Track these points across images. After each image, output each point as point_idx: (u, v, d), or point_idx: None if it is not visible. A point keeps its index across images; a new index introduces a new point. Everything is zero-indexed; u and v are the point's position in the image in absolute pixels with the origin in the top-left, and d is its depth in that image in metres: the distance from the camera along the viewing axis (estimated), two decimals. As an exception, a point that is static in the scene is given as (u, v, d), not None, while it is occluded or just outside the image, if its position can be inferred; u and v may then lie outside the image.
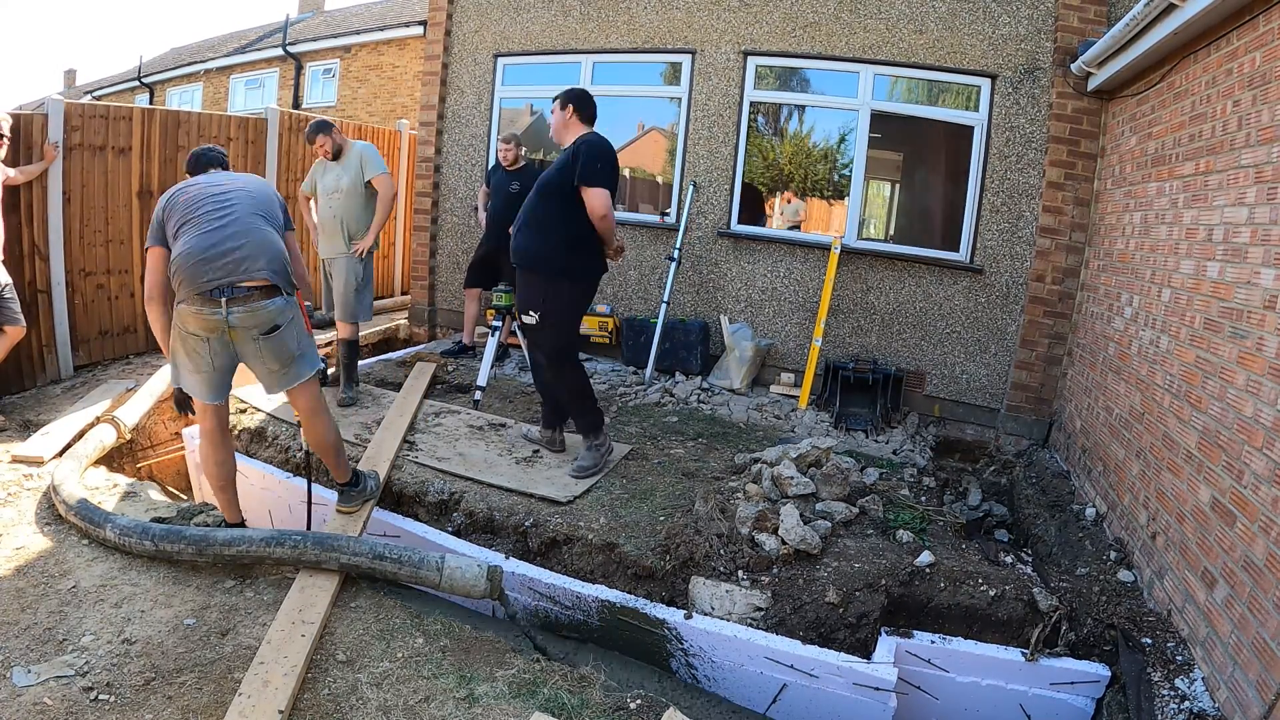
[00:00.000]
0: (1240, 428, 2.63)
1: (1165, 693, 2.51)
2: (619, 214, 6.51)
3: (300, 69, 14.68)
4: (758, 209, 6.50)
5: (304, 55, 14.58)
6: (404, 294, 8.52)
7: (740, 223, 5.98)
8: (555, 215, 3.63)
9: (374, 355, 6.44)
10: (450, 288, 6.95)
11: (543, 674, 2.42)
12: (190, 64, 16.55)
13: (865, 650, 2.83)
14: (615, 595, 3.03)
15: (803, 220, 7.20)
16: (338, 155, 4.58)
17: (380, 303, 8.05)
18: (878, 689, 2.66)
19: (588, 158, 3.54)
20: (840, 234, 5.68)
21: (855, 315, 5.69)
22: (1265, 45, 2.84)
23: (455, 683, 2.35)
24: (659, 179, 6.63)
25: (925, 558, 3.12)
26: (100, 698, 2.15)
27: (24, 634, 2.40)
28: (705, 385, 5.65)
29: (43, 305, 4.78)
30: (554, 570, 3.23)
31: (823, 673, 2.72)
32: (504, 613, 2.91)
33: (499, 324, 5.03)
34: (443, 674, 2.39)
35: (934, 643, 2.88)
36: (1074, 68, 4.82)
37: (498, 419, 4.59)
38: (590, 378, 5.68)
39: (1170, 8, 3.37)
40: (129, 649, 2.37)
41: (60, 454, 3.80)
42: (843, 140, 5.92)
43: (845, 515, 3.42)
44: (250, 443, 4.30)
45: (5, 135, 4.13)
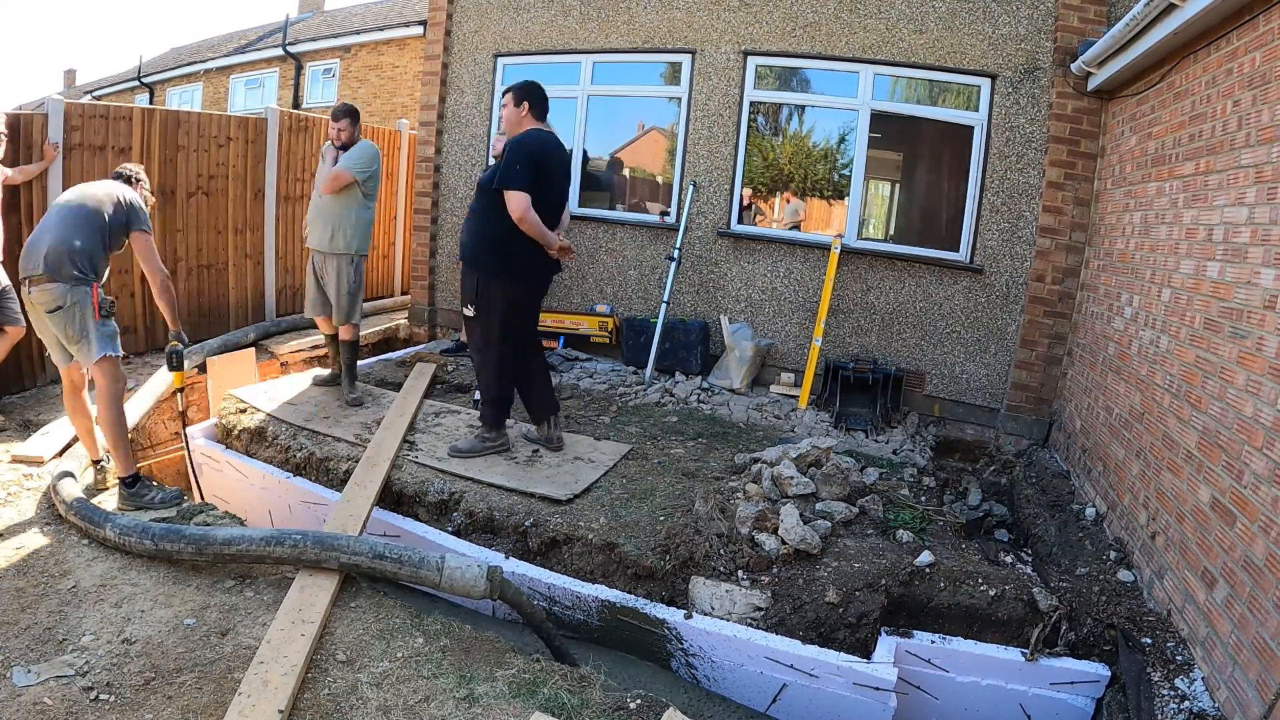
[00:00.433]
0: (1240, 428, 2.63)
1: (1165, 692, 2.51)
2: (619, 213, 6.52)
3: (300, 69, 14.68)
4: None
5: (304, 55, 14.58)
6: (404, 294, 8.52)
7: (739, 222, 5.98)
8: (487, 213, 3.69)
9: (374, 355, 6.45)
10: (450, 287, 6.95)
11: (543, 674, 2.41)
12: (190, 64, 16.55)
13: (865, 650, 2.83)
14: (615, 595, 3.03)
15: (802, 220, 7.20)
16: (347, 147, 4.54)
17: (380, 303, 8.06)
18: (878, 689, 2.66)
19: (508, 159, 3.57)
20: (840, 234, 5.68)
21: (855, 315, 5.69)
22: (1265, 45, 2.84)
23: (455, 683, 2.34)
24: (659, 179, 6.63)
25: (925, 558, 3.12)
26: (100, 698, 2.15)
27: (24, 634, 2.40)
28: (705, 385, 5.65)
29: (42, 305, 4.77)
30: (554, 570, 3.24)
31: (823, 672, 2.72)
32: (508, 614, 2.91)
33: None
34: (443, 674, 2.38)
35: (934, 643, 2.88)
36: (1074, 68, 4.82)
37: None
38: (590, 377, 5.71)
39: (1170, 8, 3.37)
40: (129, 649, 2.37)
41: (60, 454, 3.80)
42: (843, 140, 5.92)
43: (845, 515, 3.42)
44: (250, 443, 4.30)
45: (3, 134, 4.13)
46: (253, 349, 5.78)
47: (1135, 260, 4.03)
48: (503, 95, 3.78)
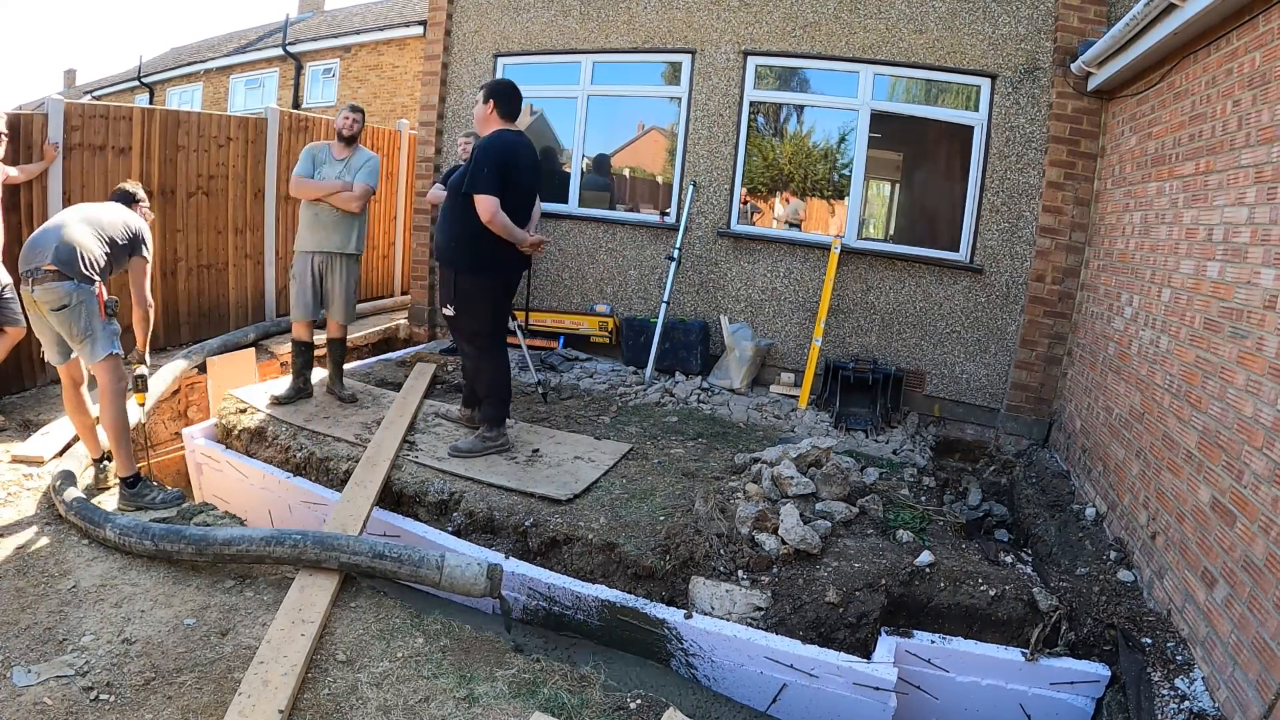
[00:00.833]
0: (1240, 428, 2.63)
1: (1165, 692, 2.51)
2: (619, 213, 6.52)
3: (300, 69, 14.68)
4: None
5: (304, 55, 14.58)
6: (404, 294, 8.52)
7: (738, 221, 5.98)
8: (459, 214, 3.76)
9: (374, 355, 6.45)
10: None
11: (543, 674, 2.42)
12: (190, 64, 16.55)
13: (865, 650, 2.83)
14: (615, 595, 3.03)
15: (803, 219, 7.20)
16: (350, 142, 4.56)
17: (380, 303, 8.06)
18: (878, 689, 2.66)
19: (476, 163, 3.65)
20: (840, 234, 5.68)
21: (855, 315, 5.69)
22: (1265, 45, 2.84)
23: (455, 683, 2.35)
24: (659, 179, 6.63)
25: (925, 557, 3.12)
26: (100, 697, 2.15)
27: (24, 634, 2.40)
28: (705, 385, 5.65)
29: (42, 305, 4.77)
30: (554, 570, 3.23)
31: (823, 672, 2.72)
32: (502, 623, 2.91)
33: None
34: (443, 674, 2.39)
35: (934, 642, 2.88)
36: (1074, 68, 4.82)
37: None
38: (590, 377, 5.71)
39: (1170, 8, 3.37)
40: (129, 649, 2.37)
41: (60, 454, 3.80)
42: (843, 140, 5.92)
43: (845, 515, 3.42)
44: (250, 443, 4.29)
45: (4, 134, 4.13)
46: (253, 349, 5.78)
47: (1135, 260, 4.03)
48: (476, 91, 3.82)
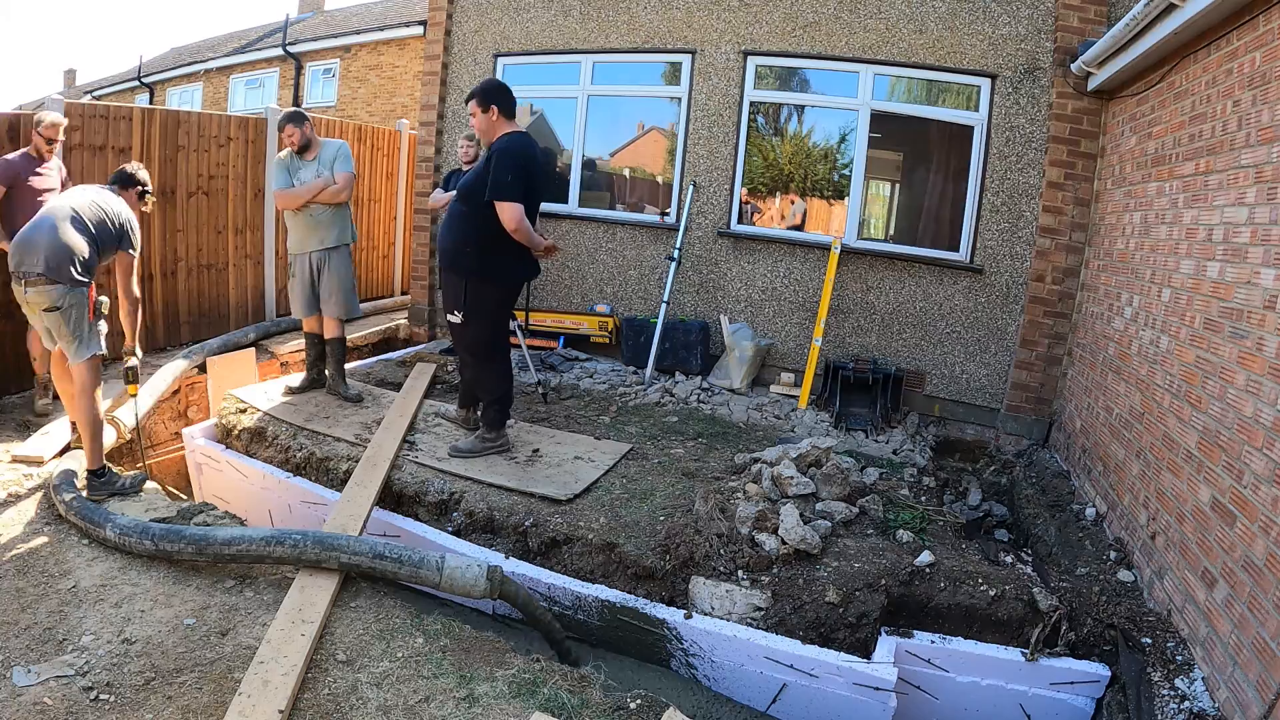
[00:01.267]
0: (1240, 428, 2.63)
1: (1165, 692, 2.51)
2: (619, 213, 6.52)
3: (300, 69, 14.68)
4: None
5: (304, 55, 14.58)
6: (404, 294, 8.52)
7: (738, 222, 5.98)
8: (471, 219, 3.68)
9: (374, 355, 6.45)
10: (450, 288, 6.94)
11: (543, 674, 2.41)
12: (190, 64, 16.55)
13: (865, 650, 2.83)
14: (615, 595, 3.03)
15: (800, 219, 7.18)
16: (304, 149, 4.50)
17: (380, 303, 8.06)
18: (878, 689, 2.66)
19: (498, 170, 3.53)
20: (840, 234, 5.68)
21: (855, 315, 5.69)
22: (1265, 45, 2.84)
23: (455, 683, 2.35)
24: (659, 179, 6.63)
25: (925, 557, 3.12)
26: (100, 697, 2.15)
27: (24, 634, 2.40)
28: (705, 385, 5.64)
29: (42, 305, 4.77)
30: (554, 570, 3.24)
31: (823, 672, 2.72)
32: (509, 613, 2.91)
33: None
34: (443, 674, 2.39)
35: (934, 642, 2.88)
36: (1074, 68, 4.82)
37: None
38: (590, 377, 5.70)
39: (1170, 8, 3.37)
40: (129, 649, 2.37)
41: (60, 454, 3.80)
42: (843, 140, 5.91)
43: (845, 515, 3.42)
44: (250, 443, 4.30)
45: (59, 139, 4.28)
46: (253, 349, 5.78)
47: (1135, 260, 4.03)
48: (466, 103, 3.67)
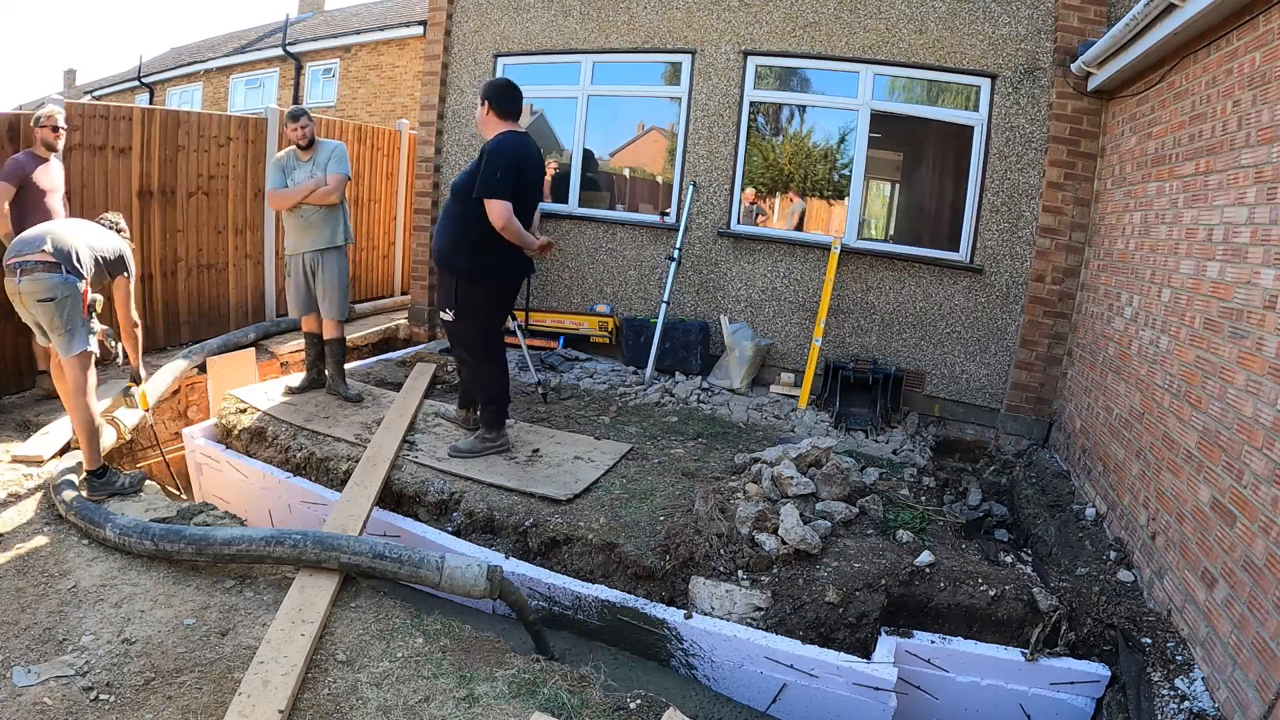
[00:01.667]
0: (1240, 428, 2.63)
1: (1165, 692, 2.51)
2: (619, 213, 6.52)
3: (300, 69, 14.68)
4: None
5: (304, 55, 14.58)
6: (404, 294, 8.52)
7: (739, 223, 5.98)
8: (463, 218, 3.68)
9: (374, 355, 6.44)
10: (450, 288, 6.94)
11: (543, 674, 2.41)
12: (190, 64, 16.55)
13: (865, 650, 2.83)
14: (615, 595, 3.03)
15: (800, 216, 7.19)
16: (309, 145, 4.56)
17: (380, 303, 8.06)
18: (878, 689, 2.66)
19: (488, 168, 3.56)
20: (840, 234, 5.68)
21: (855, 315, 5.69)
22: (1265, 45, 2.84)
23: (455, 683, 2.35)
24: (659, 179, 6.63)
25: (925, 558, 3.12)
26: (100, 697, 2.15)
27: (24, 634, 2.40)
28: (705, 385, 5.64)
29: (42, 305, 4.77)
30: (554, 570, 3.24)
31: (823, 672, 2.72)
32: (509, 613, 2.91)
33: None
34: (443, 674, 2.39)
35: (934, 643, 2.88)
36: (1074, 68, 4.82)
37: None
38: (590, 377, 5.71)
39: (1170, 8, 3.37)
40: (129, 649, 2.37)
41: (60, 454, 3.80)
42: (843, 140, 5.92)
43: (845, 515, 3.42)
44: (250, 443, 4.29)
45: (61, 128, 4.29)
46: (253, 349, 5.78)
47: (1135, 260, 4.03)
48: (479, 100, 3.80)
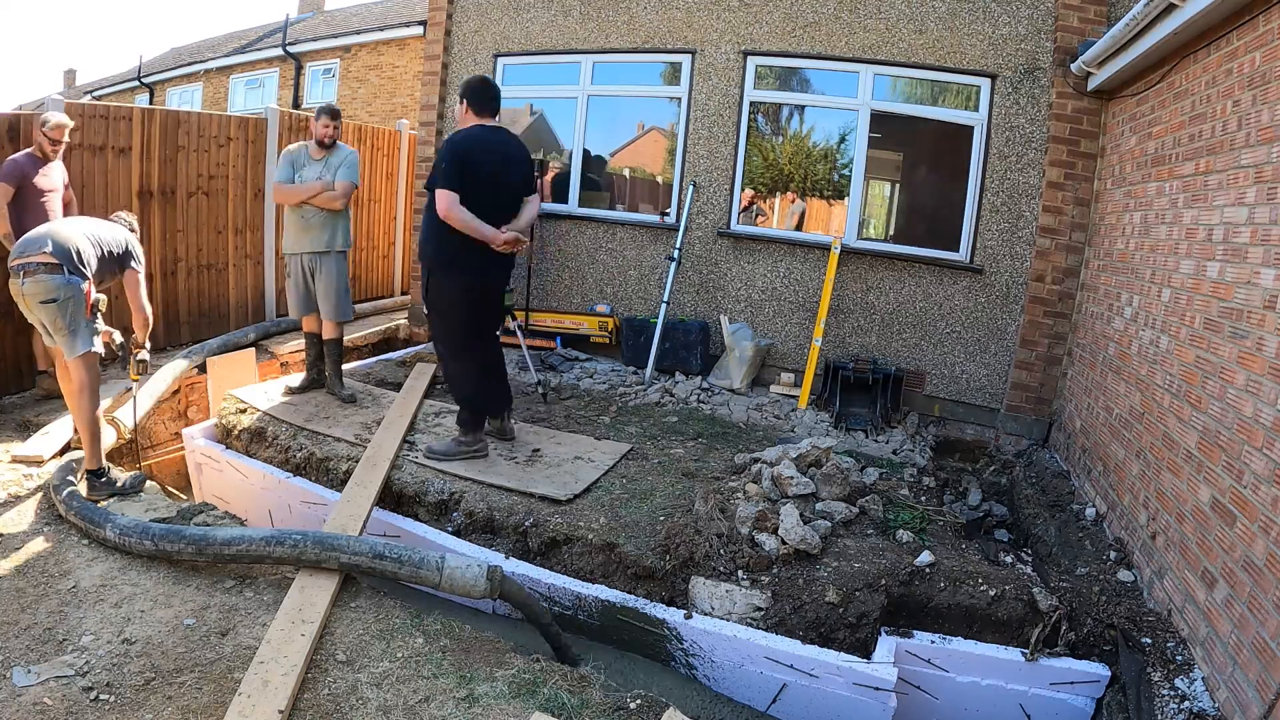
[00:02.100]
0: (1240, 428, 2.63)
1: (1165, 692, 2.51)
2: (619, 213, 6.52)
3: (300, 69, 14.68)
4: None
5: (304, 55, 14.58)
6: (404, 294, 8.52)
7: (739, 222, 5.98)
8: (429, 210, 3.75)
9: (374, 355, 6.44)
10: (450, 288, 6.94)
11: (543, 674, 2.42)
12: (190, 64, 16.55)
13: (865, 650, 2.83)
14: (615, 595, 3.03)
15: (800, 217, 7.18)
16: (329, 146, 4.58)
17: (380, 303, 8.06)
18: (878, 689, 2.66)
19: (437, 159, 3.70)
20: (840, 234, 5.68)
21: (855, 315, 5.69)
22: (1265, 45, 2.84)
23: (455, 683, 2.35)
24: (659, 179, 6.63)
25: (925, 558, 3.12)
26: (100, 698, 2.15)
27: (24, 634, 2.40)
28: (705, 385, 5.64)
29: (42, 305, 4.77)
30: (554, 570, 3.24)
31: (823, 672, 2.72)
32: (509, 612, 2.91)
33: (498, 324, 5.03)
34: (443, 674, 2.39)
35: (934, 643, 2.88)
36: (1074, 68, 4.82)
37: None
38: (590, 377, 5.70)
39: (1170, 8, 3.37)
40: (129, 649, 2.37)
41: (60, 454, 3.80)
42: (843, 140, 5.91)
43: (845, 515, 3.42)
44: (250, 443, 4.30)
45: (64, 141, 4.28)
46: (253, 349, 5.78)
47: (1135, 260, 4.03)
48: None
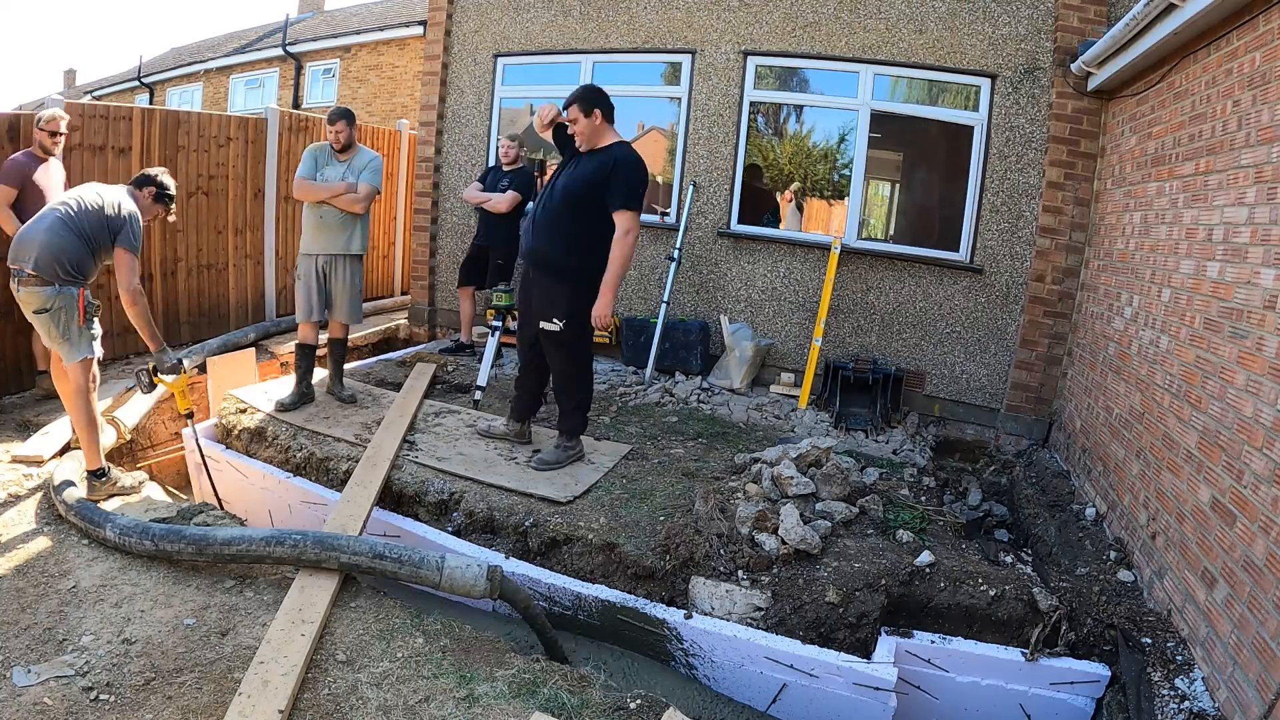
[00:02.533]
0: (1240, 428, 2.63)
1: (1165, 692, 2.51)
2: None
3: (300, 69, 14.69)
4: (761, 208, 6.47)
5: (304, 55, 14.59)
6: (404, 294, 8.52)
7: (742, 222, 5.98)
8: (584, 225, 3.62)
9: (374, 355, 6.44)
10: (450, 287, 6.94)
11: (543, 674, 2.41)
12: (190, 64, 16.55)
13: (865, 650, 2.83)
14: (615, 595, 3.03)
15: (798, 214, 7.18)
16: (346, 149, 4.53)
17: (380, 303, 8.06)
18: (878, 689, 2.66)
19: (630, 179, 3.53)
20: (840, 234, 5.68)
21: (855, 315, 5.69)
22: (1265, 45, 2.84)
23: (455, 683, 2.34)
24: (659, 179, 6.63)
25: (925, 557, 3.12)
26: (100, 698, 2.15)
27: (24, 634, 2.40)
28: (705, 385, 5.64)
29: (42, 305, 4.77)
30: (554, 570, 3.23)
31: (823, 672, 2.72)
32: (509, 612, 2.91)
33: (499, 324, 5.03)
34: (443, 674, 2.38)
35: (934, 642, 2.88)
36: (1074, 68, 4.82)
37: (497, 419, 4.58)
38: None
39: (1170, 8, 3.37)
40: (129, 649, 2.37)
41: (60, 454, 3.80)
42: (842, 140, 5.92)
43: (845, 515, 3.42)
44: (250, 443, 4.29)
45: (62, 133, 4.25)
46: (253, 349, 5.78)
47: (1135, 260, 4.03)
48: (565, 108, 3.66)
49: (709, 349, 5.95)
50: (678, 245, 5.81)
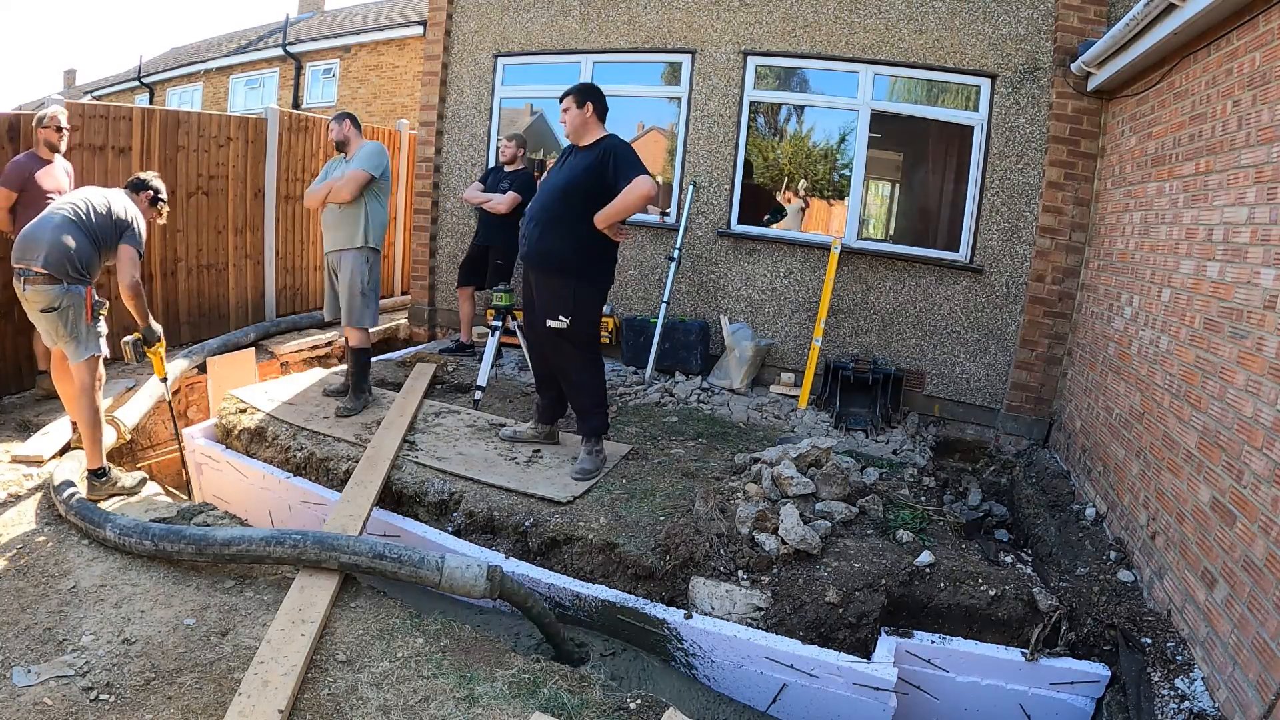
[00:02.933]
0: (1240, 428, 2.63)
1: (1165, 693, 2.51)
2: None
3: (300, 69, 14.69)
4: (762, 208, 6.47)
5: (304, 55, 14.59)
6: (404, 294, 8.52)
7: (742, 222, 5.98)
8: (580, 220, 3.64)
9: (374, 355, 6.43)
10: (450, 287, 6.94)
11: (543, 674, 2.41)
12: (190, 64, 16.56)
13: (865, 650, 2.83)
14: (615, 595, 3.03)
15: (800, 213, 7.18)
16: (342, 148, 4.52)
17: (380, 303, 8.04)
18: (878, 689, 2.66)
19: (629, 158, 3.60)
20: (840, 234, 5.68)
21: (855, 315, 5.69)
22: (1265, 45, 2.84)
23: (455, 683, 2.35)
24: (659, 179, 6.62)
25: (925, 558, 3.12)
26: (100, 698, 2.15)
27: (24, 634, 2.40)
28: (705, 385, 5.64)
29: (42, 305, 4.77)
30: (554, 570, 3.24)
31: (823, 672, 2.72)
32: (509, 611, 2.91)
33: (499, 324, 5.03)
34: (443, 674, 2.39)
35: (934, 643, 2.88)
36: (1074, 68, 4.82)
37: (498, 419, 4.59)
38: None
39: (1170, 8, 3.37)
40: (129, 649, 2.37)
41: (60, 454, 3.80)
42: (843, 140, 5.92)
43: (845, 515, 3.42)
44: (250, 443, 4.29)
45: (65, 128, 4.27)
46: (253, 349, 5.78)
47: (1135, 260, 4.03)
48: (560, 98, 3.77)
49: (709, 349, 5.95)
50: (678, 245, 5.81)
